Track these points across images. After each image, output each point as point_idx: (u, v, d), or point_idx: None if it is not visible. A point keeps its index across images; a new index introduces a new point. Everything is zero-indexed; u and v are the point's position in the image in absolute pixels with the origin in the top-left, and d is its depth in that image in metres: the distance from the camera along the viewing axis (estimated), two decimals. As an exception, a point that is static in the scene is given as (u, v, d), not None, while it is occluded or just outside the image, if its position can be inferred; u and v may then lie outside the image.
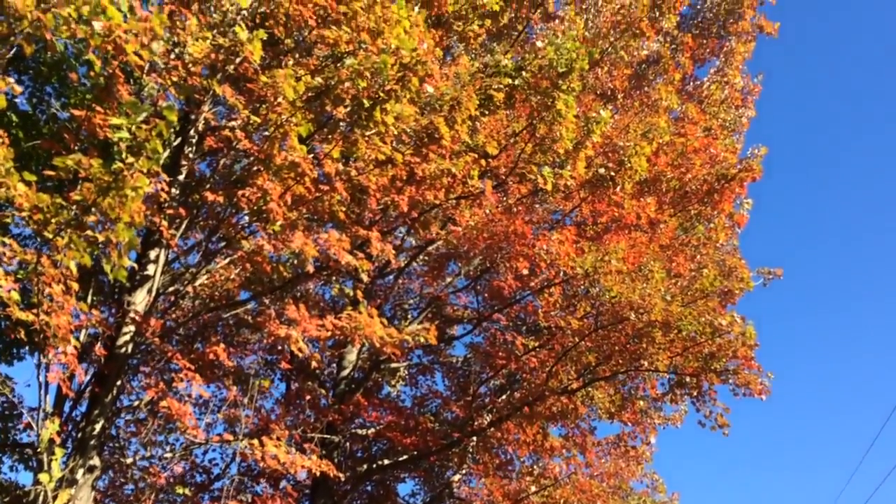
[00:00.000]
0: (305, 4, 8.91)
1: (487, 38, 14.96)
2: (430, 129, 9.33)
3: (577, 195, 12.67)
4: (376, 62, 7.92)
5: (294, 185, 8.09)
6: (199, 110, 9.17)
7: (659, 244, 12.48)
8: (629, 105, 14.41)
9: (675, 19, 15.25)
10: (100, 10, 4.85)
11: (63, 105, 9.59)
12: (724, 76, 16.07)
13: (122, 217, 5.13)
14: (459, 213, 11.55)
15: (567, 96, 10.11)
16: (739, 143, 16.10)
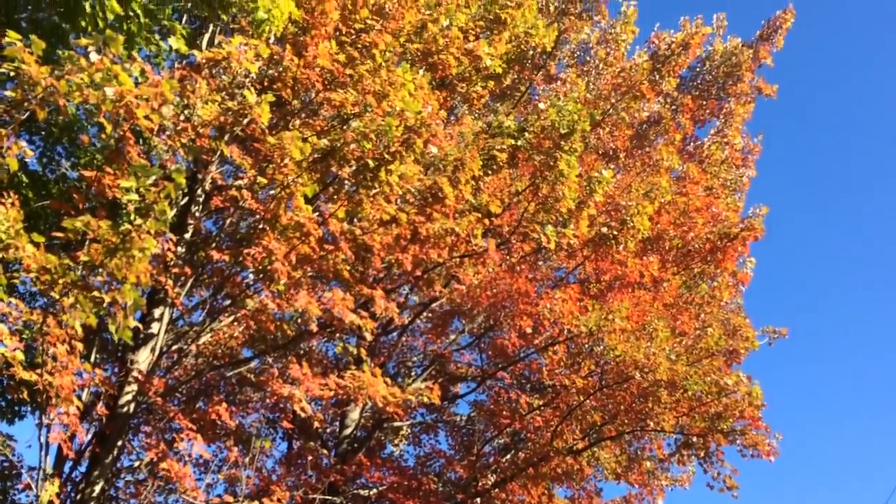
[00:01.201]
0: (312, 68, 9.13)
1: (491, 99, 15.23)
2: (434, 189, 9.44)
3: (580, 253, 12.73)
4: (381, 124, 8.07)
5: (299, 244, 8.17)
6: (207, 170, 9.31)
7: (663, 302, 12.48)
8: (631, 164, 14.59)
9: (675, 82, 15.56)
10: (112, 76, 4.98)
11: (73, 165, 9.74)
12: (725, 137, 16.30)
13: (129, 278, 5.18)
14: (463, 271, 11.59)
15: (569, 157, 10.26)
16: (741, 202, 16.24)
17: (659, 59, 15.95)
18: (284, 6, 8.86)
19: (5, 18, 7.30)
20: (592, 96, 13.70)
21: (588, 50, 17.14)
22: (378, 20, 10.06)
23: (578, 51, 17.30)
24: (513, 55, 14.26)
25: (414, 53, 11.26)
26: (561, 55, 16.69)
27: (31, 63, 4.73)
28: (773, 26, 17.54)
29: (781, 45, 17.56)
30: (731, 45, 17.38)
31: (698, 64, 17.62)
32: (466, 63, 12.11)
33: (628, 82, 13.44)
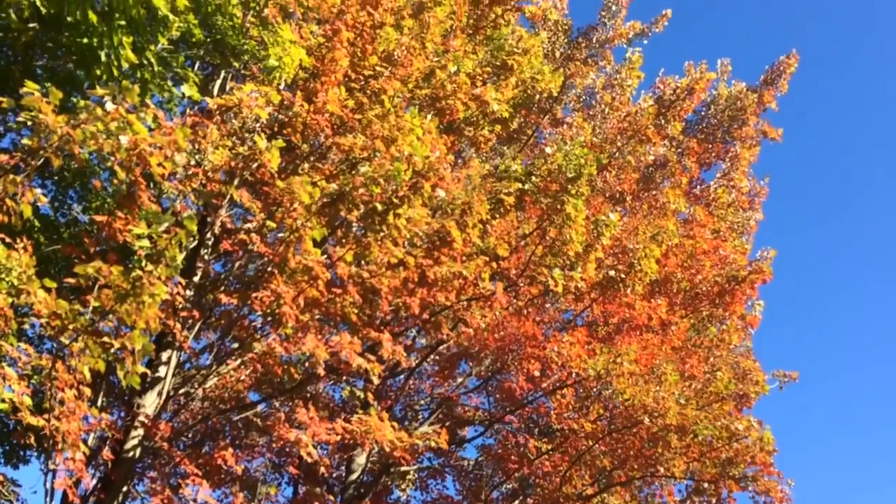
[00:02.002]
0: (322, 113, 9.25)
1: (498, 142, 15.37)
2: (441, 233, 9.48)
3: (588, 296, 12.71)
4: (390, 169, 8.15)
5: (307, 288, 8.18)
6: (217, 214, 9.38)
7: (671, 346, 12.41)
8: (638, 207, 14.64)
9: (680, 126, 15.69)
10: (126, 125, 5.06)
11: (84, 209, 9.83)
12: (731, 180, 16.38)
13: (139, 323, 5.20)
14: (470, 314, 11.57)
15: (576, 200, 10.31)
16: (749, 244, 16.24)
17: (664, 103, 16.12)
18: (295, 53, 9.02)
19: (22, 67, 7.45)
20: (599, 140, 13.82)
21: (594, 94, 17.34)
22: (387, 67, 10.22)
23: (584, 95, 17.51)
24: (519, 100, 14.44)
25: (422, 98, 11.41)
26: (567, 99, 16.89)
27: (48, 112, 4.82)
28: (777, 71, 17.74)
29: (786, 89, 17.74)
30: (735, 89, 17.56)
31: (703, 108, 17.79)
32: (474, 108, 12.25)
33: (634, 126, 13.57)
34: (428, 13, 11.29)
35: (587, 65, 16.84)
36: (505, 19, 14.22)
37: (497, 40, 13.83)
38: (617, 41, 17.31)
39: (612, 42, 17.30)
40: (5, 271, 5.07)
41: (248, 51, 9.40)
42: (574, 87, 17.11)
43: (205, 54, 9.73)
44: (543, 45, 15.98)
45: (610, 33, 17.40)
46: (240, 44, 9.38)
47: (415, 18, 11.30)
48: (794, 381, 13.64)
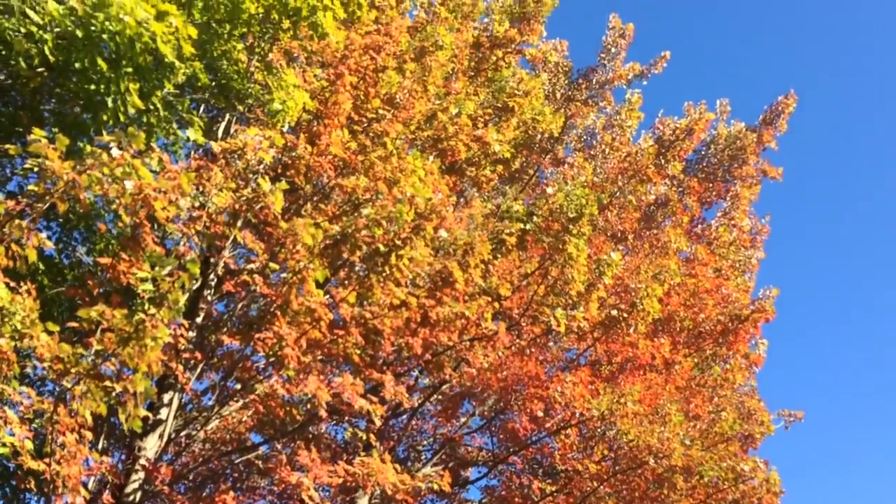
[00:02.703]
0: (325, 156, 9.36)
1: (499, 182, 15.48)
2: (444, 273, 9.51)
3: (591, 336, 12.69)
4: (392, 211, 8.21)
5: (310, 329, 8.19)
6: (220, 255, 9.44)
7: (675, 385, 12.35)
8: (639, 246, 14.69)
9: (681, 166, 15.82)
10: (132, 171, 5.13)
11: (88, 251, 9.88)
12: (732, 219, 16.44)
13: (141, 367, 5.21)
14: (473, 354, 11.55)
15: (578, 240, 10.37)
16: (751, 282, 16.24)
17: (664, 143, 16.27)
18: (299, 97, 9.16)
19: (30, 112, 7.57)
20: (600, 179, 13.93)
21: (594, 135, 17.52)
22: (389, 109, 10.35)
23: (585, 135, 17.69)
24: (521, 140, 14.59)
25: (424, 140, 11.54)
26: (568, 139, 17.05)
27: (55, 158, 4.90)
28: (775, 111, 17.92)
29: (785, 128, 17.90)
30: (734, 129, 17.73)
31: (703, 147, 17.94)
32: (475, 148, 12.38)
33: (634, 166, 13.69)
34: (430, 57, 11.48)
35: (587, 105, 17.03)
36: (506, 62, 14.44)
37: (498, 82, 14.02)
38: (616, 82, 17.53)
39: (611, 83, 17.53)
40: (9, 315, 5.10)
41: (252, 95, 9.55)
42: (575, 128, 17.29)
43: (210, 98, 9.88)
44: (544, 86, 16.20)
45: (609, 75, 17.63)
46: (244, 88, 9.53)
47: (417, 62, 11.48)
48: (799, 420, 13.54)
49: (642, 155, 13.76)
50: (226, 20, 8.58)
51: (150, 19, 5.98)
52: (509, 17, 15.72)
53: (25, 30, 6.01)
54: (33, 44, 6.06)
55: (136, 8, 5.83)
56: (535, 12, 15.81)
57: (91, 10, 5.87)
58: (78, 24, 6.03)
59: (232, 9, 8.30)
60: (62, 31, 6.05)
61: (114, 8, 5.77)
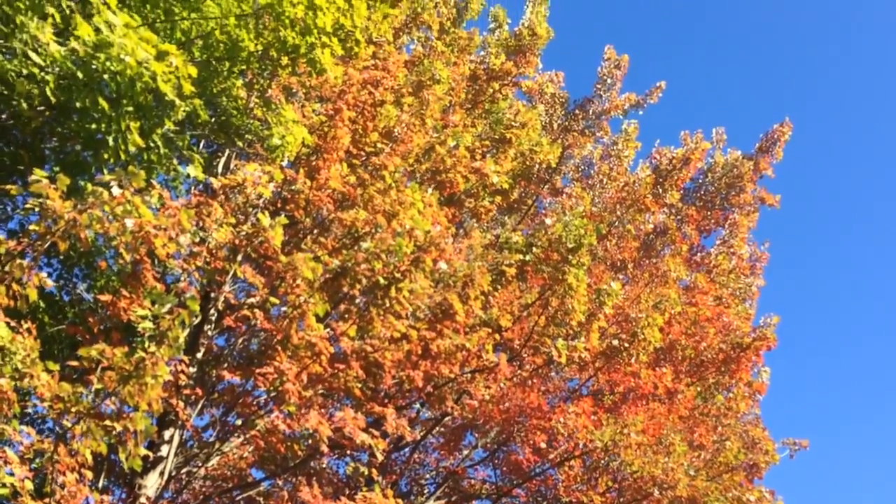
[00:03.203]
0: (324, 190, 9.42)
1: (498, 213, 15.54)
2: (444, 306, 9.51)
3: (592, 366, 12.65)
4: (392, 244, 8.24)
5: (310, 363, 8.18)
6: (220, 290, 9.45)
7: (678, 415, 12.28)
8: (639, 275, 14.70)
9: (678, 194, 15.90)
10: (132, 209, 5.17)
11: (89, 287, 9.90)
12: (731, 247, 16.49)
13: (141, 405, 5.20)
14: (474, 386, 11.50)
15: (577, 270, 10.38)
16: (752, 310, 16.22)
17: (661, 172, 16.37)
18: (298, 132, 9.23)
19: (31, 151, 7.63)
20: (598, 209, 13.99)
21: (592, 164, 17.64)
22: (388, 143, 10.44)
23: (583, 165, 17.80)
24: (519, 171, 14.67)
25: (423, 173, 11.60)
26: (566, 169, 17.16)
27: (56, 198, 4.94)
28: (771, 139, 18.06)
29: (781, 156, 18.03)
30: (731, 157, 17.86)
31: (701, 176, 18.04)
32: (474, 180, 12.44)
33: (632, 196, 13.76)
34: (427, 91, 11.60)
35: (584, 136, 17.17)
36: (502, 94, 14.58)
37: (495, 114, 14.15)
38: (613, 112, 17.69)
39: (608, 113, 17.69)
40: (10, 355, 5.10)
41: (251, 130, 9.64)
42: (572, 158, 17.41)
43: (209, 133, 9.97)
44: (541, 117, 16.34)
45: (606, 105, 17.79)
46: (244, 123, 9.63)
47: (414, 96, 11.59)
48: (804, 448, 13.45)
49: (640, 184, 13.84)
50: (225, 58, 8.68)
51: (151, 59, 6.05)
52: (505, 50, 15.91)
53: (27, 71, 6.08)
54: (35, 84, 6.13)
55: (137, 48, 5.91)
56: (530, 45, 16.00)
57: (92, 50, 5.95)
58: (79, 65, 6.10)
59: (231, 47, 8.41)
60: (63, 72, 6.12)
61: (115, 49, 5.85)
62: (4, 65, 6.03)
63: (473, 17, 16.30)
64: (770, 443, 12.38)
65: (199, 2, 7.79)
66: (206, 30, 8.21)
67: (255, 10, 8.03)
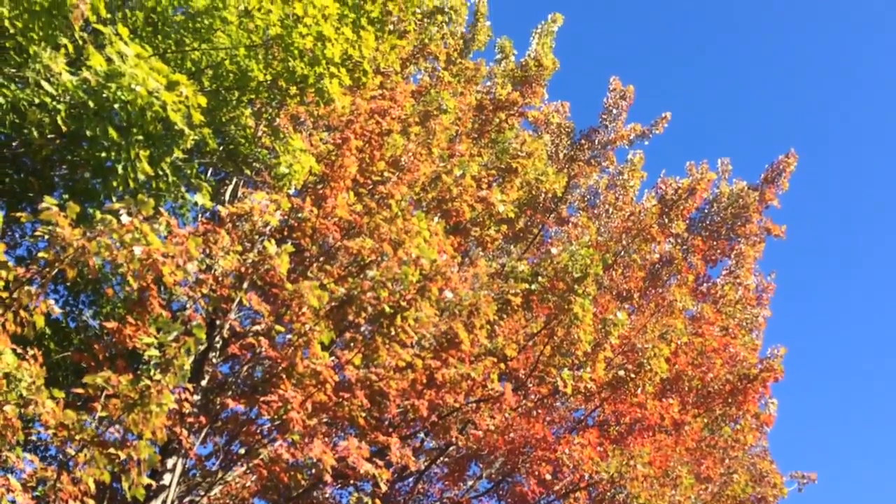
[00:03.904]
0: (331, 218, 9.45)
1: (504, 241, 15.55)
2: (449, 335, 9.49)
3: (598, 396, 12.57)
4: (398, 273, 8.25)
5: (315, 392, 8.15)
6: (226, 317, 9.45)
7: (685, 447, 12.17)
8: (645, 305, 14.66)
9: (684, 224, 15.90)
10: (141, 236, 5.20)
11: (95, 314, 9.92)
12: (737, 277, 16.45)
13: (145, 433, 5.18)
14: (479, 416, 11.43)
15: (583, 300, 10.37)
16: (759, 340, 16.14)
17: (667, 202, 16.40)
18: (305, 161, 9.30)
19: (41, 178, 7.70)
20: (604, 239, 13.99)
21: (597, 194, 17.68)
22: (394, 172, 10.49)
23: (588, 195, 17.85)
24: (525, 200, 14.72)
25: (429, 201, 11.65)
26: (571, 199, 17.20)
27: (65, 226, 4.97)
28: (776, 169, 18.09)
29: (787, 187, 18.04)
30: (737, 187, 17.89)
31: (706, 206, 18.06)
32: (480, 209, 12.47)
33: (638, 225, 13.77)
34: (434, 120, 11.68)
35: (590, 165, 17.23)
36: (509, 123, 14.67)
37: (501, 143, 14.23)
38: (619, 142, 17.77)
39: (614, 143, 17.76)
40: (15, 381, 5.10)
41: (259, 158, 9.72)
42: (578, 187, 17.46)
43: (217, 161, 10.05)
44: (547, 147, 16.43)
45: (612, 135, 17.88)
46: (252, 152, 9.71)
47: (421, 125, 11.68)
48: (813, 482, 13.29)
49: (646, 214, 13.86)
50: (234, 87, 8.78)
51: (161, 89, 6.13)
52: (511, 81, 16.04)
53: (39, 100, 6.16)
54: (46, 113, 6.20)
55: (148, 78, 5.98)
56: (536, 76, 16.14)
57: (104, 80, 6.03)
58: (90, 94, 6.18)
59: (241, 77, 8.51)
60: (75, 101, 6.20)
61: (126, 78, 5.93)
62: (17, 94, 6.11)
63: (480, 49, 16.48)
64: (778, 476, 12.25)
65: (209, 33, 7.90)
66: (217, 60, 8.32)
67: (264, 41, 8.13)
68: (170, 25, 8.09)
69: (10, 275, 5.03)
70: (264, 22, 8.01)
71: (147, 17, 8.09)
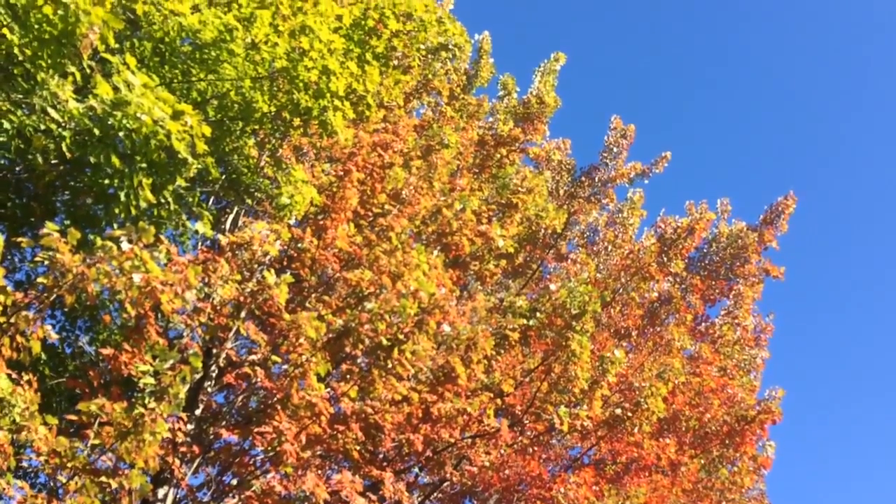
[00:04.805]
0: (330, 249, 9.48)
1: (503, 276, 15.55)
2: (446, 368, 9.46)
3: (594, 434, 12.47)
4: (396, 305, 8.25)
5: (310, 424, 8.10)
6: (222, 346, 9.42)
7: (682, 487, 12.05)
8: (643, 344, 14.63)
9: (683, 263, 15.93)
10: (140, 264, 5.21)
11: (91, 340, 9.88)
12: (735, 317, 16.44)
13: (138, 462, 5.14)
14: (475, 452, 11.34)
15: (581, 337, 10.35)
16: (757, 381, 16.07)
17: (666, 241, 16.45)
18: (307, 192, 9.35)
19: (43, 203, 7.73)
20: (602, 276, 14.01)
21: (597, 231, 17.74)
22: (395, 205, 10.54)
23: (588, 232, 17.91)
24: (524, 235, 14.75)
25: (429, 235, 11.68)
26: (571, 235, 17.24)
27: (66, 252, 4.99)
28: (775, 211, 18.18)
29: (786, 229, 18.12)
30: (736, 228, 17.96)
31: (705, 245, 18.12)
32: (479, 243, 12.50)
33: (637, 263, 13.79)
34: (436, 155, 11.77)
35: (590, 202, 17.32)
36: (510, 159, 14.77)
37: (502, 179, 14.32)
38: (619, 180, 17.89)
39: (614, 181, 17.88)
40: (8, 407, 5.08)
41: (261, 188, 9.77)
42: (578, 224, 17.52)
43: (219, 190, 10.09)
44: (547, 183, 16.52)
45: (612, 173, 18.01)
46: (254, 182, 9.76)
47: (423, 159, 11.76)
48: (810, 526, 13.10)
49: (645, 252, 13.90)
50: (239, 118, 8.87)
51: (167, 118, 6.18)
52: (513, 117, 16.19)
53: (45, 126, 6.21)
54: (51, 140, 6.25)
55: (154, 108, 6.04)
56: (538, 113, 16.30)
57: (110, 108, 6.08)
58: (95, 122, 6.23)
59: (245, 107, 8.59)
60: (80, 128, 6.25)
61: (132, 107, 5.98)
62: (23, 120, 6.17)
63: (483, 85, 16.66)
64: (775, 520, 12.09)
65: (216, 64, 7.99)
66: (222, 90, 8.41)
67: (270, 74, 8.22)
68: (177, 56, 8.19)
69: (8, 300, 5.04)
70: (270, 55, 8.11)
71: (155, 47, 8.19)
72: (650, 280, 13.79)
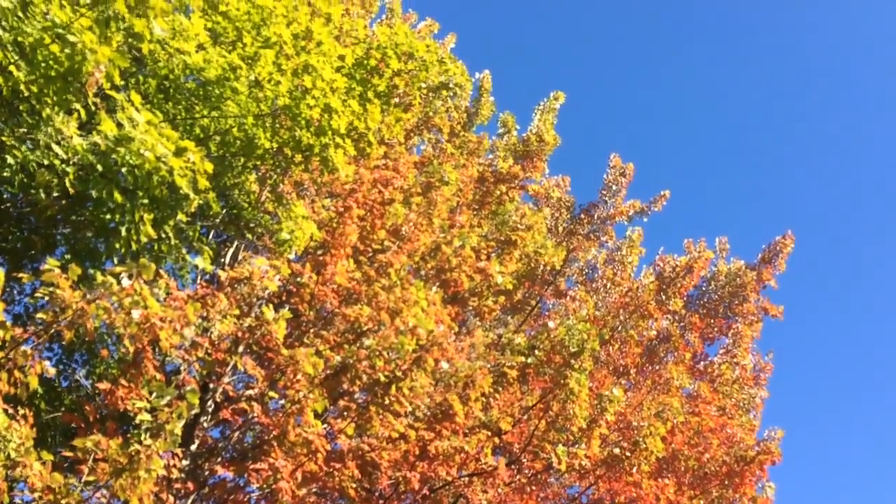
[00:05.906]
0: (329, 285, 9.49)
1: (501, 312, 15.55)
2: (444, 406, 9.42)
3: (593, 474, 12.37)
4: (394, 342, 8.24)
5: (306, 461, 8.04)
6: (219, 381, 9.38)
7: (681, 530, 11.91)
8: (641, 382, 14.58)
9: (682, 302, 15.94)
10: (140, 300, 5.23)
11: (88, 373, 9.85)
12: (734, 356, 16.41)
13: (132, 500, 5.10)
14: (472, 490, 11.23)
15: (579, 375, 10.32)
16: (756, 420, 15.98)
17: (665, 279, 16.49)
18: (307, 227, 9.39)
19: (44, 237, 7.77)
20: (601, 313, 14.01)
21: (596, 269, 17.78)
22: (395, 241, 10.58)
23: (587, 269, 17.95)
24: (523, 272, 14.78)
25: (428, 271, 11.70)
26: (570, 272, 17.28)
27: (66, 288, 5.01)
28: (774, 250, 18.24)
29: (784, 268, 18.15)
30: (734, 266, 18.01)
31: (704, 283, 18.15)
32: (478, 279, 12.52)
33: (636, 301, 13.80)
34: (435, 191, 11.84)
35: (589, 240, 17.38)
36: (509, 196, 14.86)
37: (501, 216, 14.39)
38: (618, 218, 17.97)
39: (613, 219, 17.96)
40: (4, 442, 5.05)
41: (261, 223, 9.81)
42: (577, 261, 17.57)
43: (220, 224, 10.14)
44: (546, 220, 16.59)
45: (611, 211, 18.09)
46: (254, 217, 9.81)
47: (423, 196, 11.82)
48: (811, 570, 12.93)
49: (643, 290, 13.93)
50: (241, 154, 8.95)
51: (170, 154, 6.24)
52: (513, 155, 16.32)
53: (49, 162, 6.27)
54: (55, 175, 6.31)
55: (157, 144, 6.10)
56: (538, 150, 16.43)
57: (113, 144, 6.15)
58: (98, 157, 6.30)
59: (247, 144, 8.67)
60: (83, 164, 6.31)
61: (135, 143, 6.05)
62: (27, 155, 6.22)
63: (483, 122, 16.82)
64: (776, 563, 11.94)
65: (219, 101, 8.09)
66: (225, 127, 8.49)
67: (272, 111, 8.32)
68: (181, 93, 8.30)
69: (7, 334, 5.04)
70: (273, 93, 8.22)
71: (160, 84, 8.30)
72: (649, 318, 13.80)
